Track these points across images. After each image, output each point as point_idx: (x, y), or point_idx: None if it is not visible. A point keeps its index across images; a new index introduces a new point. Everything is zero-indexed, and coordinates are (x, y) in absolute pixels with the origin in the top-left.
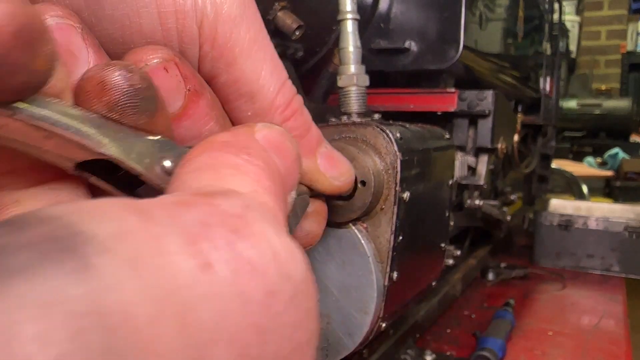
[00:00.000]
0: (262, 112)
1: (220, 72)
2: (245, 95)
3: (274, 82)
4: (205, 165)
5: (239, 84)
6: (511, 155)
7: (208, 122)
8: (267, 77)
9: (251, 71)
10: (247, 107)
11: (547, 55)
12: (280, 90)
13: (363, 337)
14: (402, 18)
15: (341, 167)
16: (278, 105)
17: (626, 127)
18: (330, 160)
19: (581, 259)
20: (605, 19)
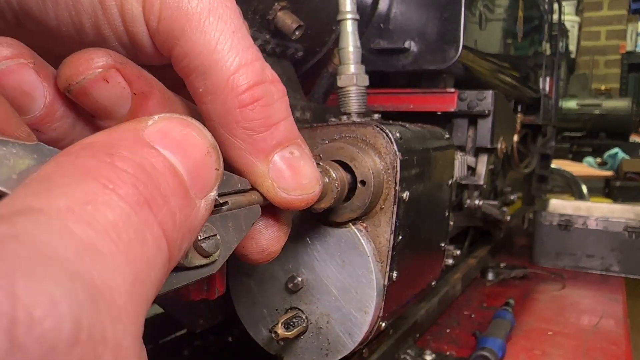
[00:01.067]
0: (214, 90)
1: (172, 46)
2: (196, 70)
3: (233, 57)
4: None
5: (189, 58)
6: (511, 155)
7: None
8: (223, 51)
9: (202, 43)
10: (199, 83)
11: (546, 55)
12: (242, 69)
13: (363, 337)
14: (402, 18)
15: (300, 180)
16: (235, 85)
17: (626, 127)
18: (290, 168)
19: (581, 258)
20: (604, 19)
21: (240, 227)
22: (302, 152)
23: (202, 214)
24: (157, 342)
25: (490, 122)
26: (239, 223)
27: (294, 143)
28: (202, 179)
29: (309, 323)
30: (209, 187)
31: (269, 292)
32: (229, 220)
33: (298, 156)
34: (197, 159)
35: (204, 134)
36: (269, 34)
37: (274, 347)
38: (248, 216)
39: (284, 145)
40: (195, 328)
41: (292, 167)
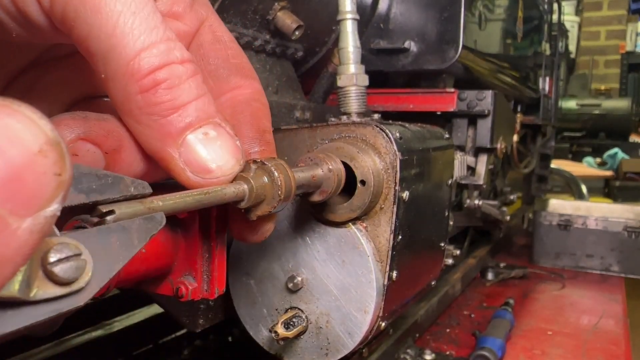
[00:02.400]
0: (114, 76)
1: (70, 29)
2: (96, 54)
3: (134, 40)
4: None
5: (88, 42)
6: (510, 155)
7: (139, 165)
8: (123, 34)
9: (99, 26)
10: (100, 69)
11: (546, 55)
12: (143, 52)
13: (363, 336)
14: (401, 18)
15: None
16: (135, 70)
17: (625, 127)
18: (203, 150)
19: (580, 258)
20: (604, 19)
21: (131, 242)
22: (220, 131)
23: (24, 238)
24: (157, 342)
25: (489, 122)
26: (130, 237)
27: (209, 123)
28: (26, 189)
29: (309, 323)
30: (42, 199)
31: (269, 291)
32: (112, 234)
33: (214, 136)
34: (18, 161)
35: (36, 125)
36: (269, 34)
37: (274, 347)
38: (144, 227)
39: (195, 126)
40: (195, 328)
41: (207, 149)
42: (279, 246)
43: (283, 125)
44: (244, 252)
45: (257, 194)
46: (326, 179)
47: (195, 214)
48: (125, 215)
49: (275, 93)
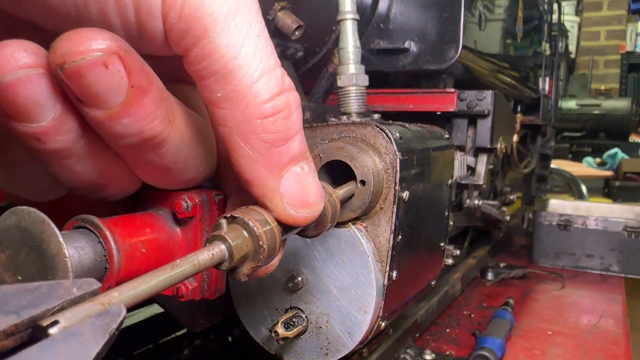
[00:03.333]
0: (235, 96)
1: (191, 46)
2: (216, 73)
3: (257, 63)
4: None
5: (209, 60)
6: (510, 155)
7: (151, 121)
8: (247, 56)
9: (226, 46)
10: (217, 88)
11: (546, 55)
12: (265, 76)
13: (363, 336)
14: (401, 18)
15: (308, 198)
16: (257, 94)
17: (625, 127)
18: (300, 185)
19: (580, 258)
20: (604, 20)
21: (85, 347)
22: (310, 167)
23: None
24: (157, 342)
25: (489, 122)
26: (84, 340)
27: (305, 158)
28: None
29: (309, 322)
30: None
31: (269, 291)
32: (59, 345)
33: (307, 172)
34: None
35: None
36: (269, 34)
37: (274, 347)
38: (99, 325)
39: (298, 160)
40: (195, 328)
41: (302, 184)
42: None
43: None
44: None
45: (238, 251)
46: (320, 215)
47: (195, 214)
48: (73, 321)
49: None
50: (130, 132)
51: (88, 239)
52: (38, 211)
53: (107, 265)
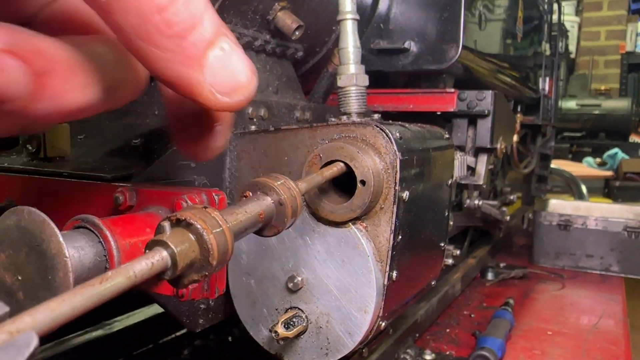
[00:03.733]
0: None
1: None
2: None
3: None
4: None
5: None
6: (510, 155)
7: (67, 93)
8: None
9: None
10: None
11: (546, 55)
12: None
13: (363, 336)
14: (401, 18)
15: (238, 78)
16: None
17: (625, 127)
18: (225, 68)
19: (580, 258)
20: (604, 20)
21: None
22: (232, 44)
23: None
24: (157, 342)
25: (489, 122)
26: None
27: (222, 35)
28: None
29: (309, 322)
30: None
31: (269, 291)
32: None
33: (229, 51)
34: None
35: None
36: (269, 34)
37: (274, 347)
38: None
39: (214, 43)
40: (195, 328)
41: (227, 66)
42: (279, 246)
43: (283, 125)
44: (244, 252)
45: (183, 258)
46: (278, 212)
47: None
48: None
49: (275, 93)
50: (53, 109)
51: (88, 239)
52: (38, 211)
53: (107, 265)
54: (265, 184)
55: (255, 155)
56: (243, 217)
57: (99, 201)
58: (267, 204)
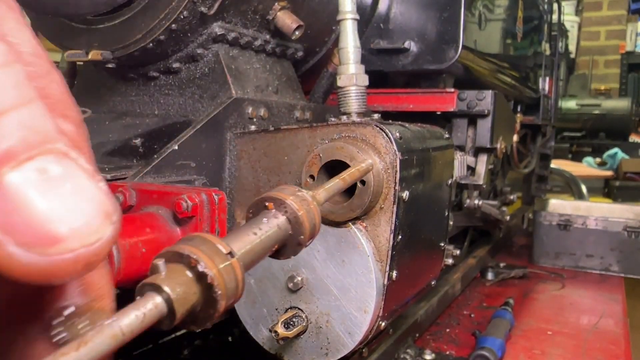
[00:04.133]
0: None
1: None
2: None
3: None
4: None
5: None
6: (510, 155)
7: None
8: None
9: None
10: None
11: (546, 55)
12: None
13: (363, 336)
14: (401, 18)
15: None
16: None
17: (625, 127)
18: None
19: (580, 258)
20: (604, 20)
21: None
22: (68, 165)
23: None
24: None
25: (489, 122)
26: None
27: (49, 151)
28: None
29: (308, 322)
30: None
31: (269, 291)
32: None
33: (58, 175)
34: None
35: None
36: (269, 34)
37: (274, 347)
38: None
39: (20, 158)
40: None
41: (45, 199)
42: None
43: (283, 125)
44: None
45: (182, 303)
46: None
47: (195, 213)
48: None
49: (275, 93)
50: None
51: None
52: None
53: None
54: (277, 199)
55: (255, 155)
56: (253, 243)
57: None
58: (281, 222)
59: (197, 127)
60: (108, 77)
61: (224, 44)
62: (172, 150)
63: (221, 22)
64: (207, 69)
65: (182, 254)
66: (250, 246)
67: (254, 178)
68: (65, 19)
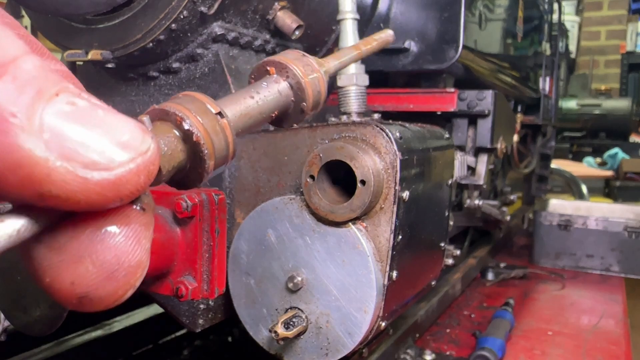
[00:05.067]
0: None
1: None
2: None
3: None
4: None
5: None
6: (511, 155)
7: None
8: None
9: None
10: None
11: (546, 55)
12: None
13: (363, 336)
14: (402, 18)
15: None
16: None
17: (625, 127)
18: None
19: (581, 258)
20: (604, 19)
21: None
22: (89, 99)
23: None
24: (157, 342)
25: (490, 122)
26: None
27: (67, 89)
28: None
29: (308, 323)
30: None
31: (269, 291)
32: None
33: (87, 106)
34: None
35: None
36: (269, 33)
37: (274, 347)
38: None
39: (50, 95)
40: (195, 328)
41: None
42: (279, 246)
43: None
44: (244, 252)
45: (168, 160)
46: (296, 99)
47: (195, 213)
48: None
49: None
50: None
51: None
52: None
53: None
54: (279, 63)
55: (255, 154)
56: (249, 106)
57: None
58: (282, 88)
59: None
60: (108, 77)
61: (223, 43)
62: None
63: (221, 22)
64: (207, 68)
65: (168, 111)
66: (246, 110)
67: (254, 178)
68: (65, 19)
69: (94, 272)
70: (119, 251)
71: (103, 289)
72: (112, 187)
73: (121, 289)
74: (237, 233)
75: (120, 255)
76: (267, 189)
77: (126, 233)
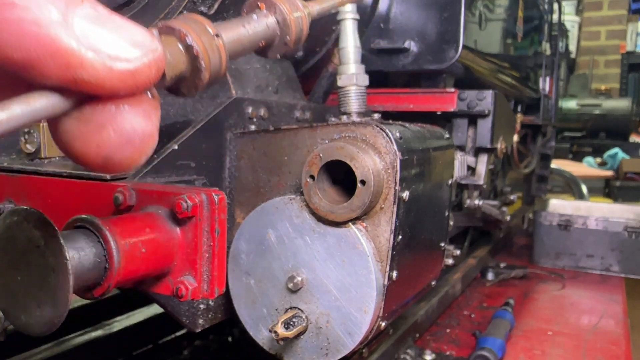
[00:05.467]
0: None
1: None
2: None
3: None
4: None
5: None
6: (511, 155)
7: None
8: None
9: None
10: None
11: (546, 55)
12: None
13: (363, 336)
14: (401, 18)
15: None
16: None
17: (626, 127)
18: (108, 25)
19: (581, 258)
20: (604, 19)
21: None
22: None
23: None
24: (157, 342)
25: (490, 122)
26: None
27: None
28: None
29: (308, 323)
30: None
31: (269, 291)
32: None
33: (106, 12)
34: None
35: None
36: None
37: (274, 347)
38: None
39: (78, 1)
40: (195, 328)
41: (110, 24)
42: (279, 246)
43: (283, 125)
44: (244, 252)
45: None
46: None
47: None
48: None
49: (275, 93)
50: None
51: (88, 240)
52: (38, 211)
53: (107, 265)
54: (270, 1)
55: (255, 155)
56: (241, 34)
57: (99, 201)
58: (270, 22)
59: (197, 127)
60: None
61: None
62: (172, 150)
63: (221, 22)
64: None
65: (174, 28)
66: (238, 36)
67: (254, 178)
68: None
69: (115, 138)
70: (135, 122)
71: (122, 153)
72: (131, 76)
73: (137, 153)
74: (237, 233)
75: (135, 125)
76: (267, 189)
77: (139, 110)
